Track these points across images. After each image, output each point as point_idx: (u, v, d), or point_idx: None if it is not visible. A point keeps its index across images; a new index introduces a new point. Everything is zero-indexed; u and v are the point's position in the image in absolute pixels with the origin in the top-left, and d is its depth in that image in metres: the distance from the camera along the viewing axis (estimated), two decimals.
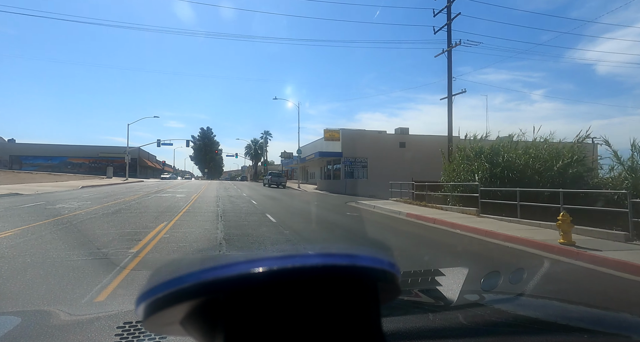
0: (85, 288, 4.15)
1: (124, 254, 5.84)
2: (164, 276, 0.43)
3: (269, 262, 0.41)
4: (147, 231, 7.98)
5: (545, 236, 8.26)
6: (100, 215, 10.68)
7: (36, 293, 4.02)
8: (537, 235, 8.47)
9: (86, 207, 12.64)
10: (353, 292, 0.43)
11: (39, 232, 7.53)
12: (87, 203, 14.00)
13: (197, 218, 10.65)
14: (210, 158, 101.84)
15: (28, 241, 6.62)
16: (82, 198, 16.30)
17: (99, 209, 12.27)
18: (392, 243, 7.89)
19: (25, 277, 4.53)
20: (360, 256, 0.43)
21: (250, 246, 7.03)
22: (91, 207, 12.52)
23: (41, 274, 4.67)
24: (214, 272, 0.40)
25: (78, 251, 5.98)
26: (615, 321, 1.37)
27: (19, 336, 1.14)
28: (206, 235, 7.92)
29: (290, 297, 0.40)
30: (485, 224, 10.24)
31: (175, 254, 6.17)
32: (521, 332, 1.19)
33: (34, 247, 6.18)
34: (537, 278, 3.65)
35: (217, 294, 0.41)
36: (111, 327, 1.12)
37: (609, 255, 6.39)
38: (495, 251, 7.51)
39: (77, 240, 6.94)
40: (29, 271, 4.78)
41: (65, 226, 8.44)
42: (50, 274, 4.68)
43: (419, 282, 1.77)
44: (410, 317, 1.20)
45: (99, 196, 17.70)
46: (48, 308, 1.57)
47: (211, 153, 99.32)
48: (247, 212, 12.72)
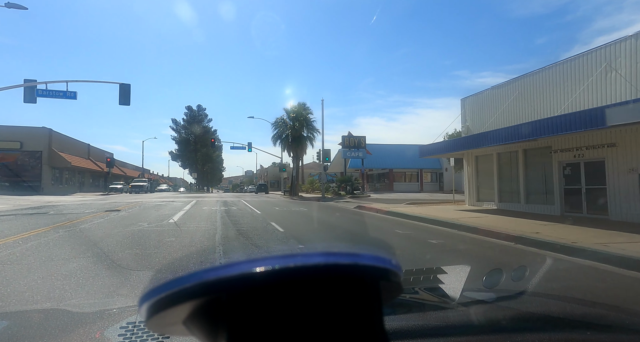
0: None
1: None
2: (166, 276, 0.43)
3: (271, 261, 0.40)
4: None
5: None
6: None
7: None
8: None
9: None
10: (355, 291, 0.42)
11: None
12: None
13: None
14: (204, 156, 65.26)
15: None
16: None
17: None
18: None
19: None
20: (362, 255, 0.43)
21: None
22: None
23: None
24: (216, 272, 0.40)
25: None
26: (618, 317, 1.37)
27: (21, 335, 1.13)
28: None
29: (292, 297, 0.40)
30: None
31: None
32: (524, 329, 1.16)
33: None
34: (539, 275, 3.56)
35: (219, 294, 0.40)
36: (114, 327, 1.12)
37: None
38: None
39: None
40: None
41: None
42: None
43: (421, 281, 1.77)
44: (412, 315, 1.20)
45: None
46: (51, 307, 1.55)
47: (204, 147, 62.33)
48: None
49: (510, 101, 15.25)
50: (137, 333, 1.06)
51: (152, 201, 22.51)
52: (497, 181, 16.08)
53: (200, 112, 68.17)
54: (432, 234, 9.20)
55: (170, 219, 11.90)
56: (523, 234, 8.18)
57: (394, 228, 10.60)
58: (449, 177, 41.48)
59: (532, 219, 11.31)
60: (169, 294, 0.42)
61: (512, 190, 15.35)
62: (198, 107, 68.19)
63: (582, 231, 8.62)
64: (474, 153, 17.17)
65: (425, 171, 42.82)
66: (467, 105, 18.16)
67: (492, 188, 16.29)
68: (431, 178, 43.47)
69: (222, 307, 0.41)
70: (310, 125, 35.47)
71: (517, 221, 10.84)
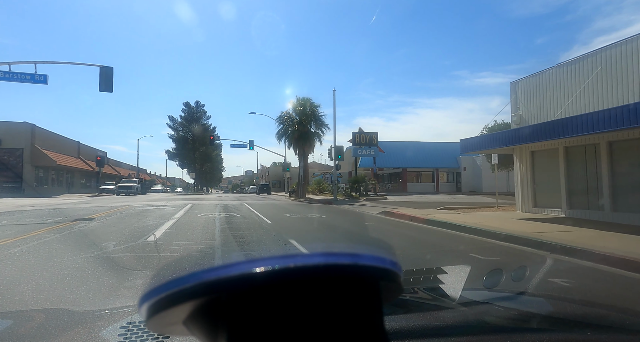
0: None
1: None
2: (166, 276, 0.42)
3: (271, 261, 0.40)
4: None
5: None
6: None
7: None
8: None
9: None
10: (355, 291, 0.42)
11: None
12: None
13: None
14: (203, 155, 64.01)
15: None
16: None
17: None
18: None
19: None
20: (362, 255, 0.43)
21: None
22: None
23: None
24: (216, 272, 0.40)
25: None
26: (618, 317, 1.36)
27: (22, 335, 1.14)
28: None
29: (292, 297, 0.40)
30: None
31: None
32: (524, 329, 1.14)
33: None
34: (539, 275, 3.86)
35: (219, 294, 0.40)
36: (114, 327, 1.12)
37: None
38: None
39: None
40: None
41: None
42: None
43: (421, 281, 1.76)
44: (412, 315, 1.20)
45: None
46: (51, 307, 1.58)
47: (203, 145, 60.61)
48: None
49: (590, 79, 12.04)
50: (137, 333, 1.04)
51: (140, 205, 19.25)
52: (566, 181, 12.86)
53: (199, 109, 64.91)
54: (527, 260, 6.10)
55: (152, 234, 8.59)
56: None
57: (458, 245, 7.65)
58: (468, 177, 38.72)
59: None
60: (169, 294, 0.41)
61: (588, 193, 12.19)
62: (196, 104, 64.86)
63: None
64: (529, 148, 14.06)
65: (442, 171, 39.83)
66: (520, 90, 14.92)
67: (558, 191, 13.08)
68: (447, 178, 40.39)
69: (222, 307, 0.40)
70: (319, 120, 32.45)
71: (632, 238, 7.68)
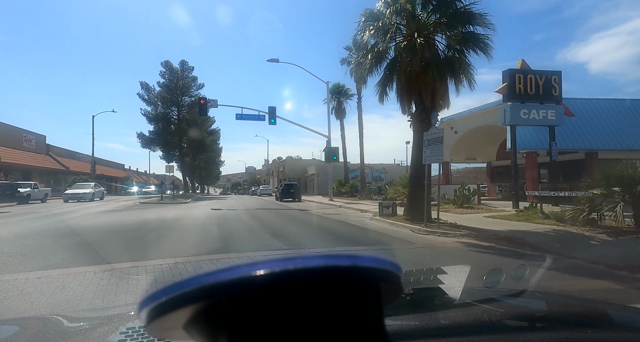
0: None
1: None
2: (166, 280, 0.38)
3: (270, 264, 0.40)
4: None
5: None
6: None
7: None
8: None
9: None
10: (356, 293, 0.42)
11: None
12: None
13: None
14: (193, 142, 41.60)
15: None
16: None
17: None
18: None
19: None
20: (362, 257, 0.43)
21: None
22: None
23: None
24: (216, 276, 0.40)
25: None
26: (618, 315, 1.36)
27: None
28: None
29: (292, 299, 0.40)
30: None
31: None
32: (525, 328, 1.15)
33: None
34: (539, 274, 3.65)
35: (219, 298, 0.40)
36: (114, 332, 1.12)
37: None
38: None
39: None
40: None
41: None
42: None
43: (421, 281, 1.76)
44: (413, 316, 1.19)
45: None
46: (50, 314, 1.54)
47: (192, 125, 39.91)
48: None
49: None
50: (137, 338, 1.03)
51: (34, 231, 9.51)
52: None
53: (186, 73, 40.89)
54: None
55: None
56: None
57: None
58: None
59: None
60: (169, 299, 0.41)
61: None
62: (182, 65, 41.15)
63: None
64: None
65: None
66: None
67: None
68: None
69: (222, 311, 0.40)
70: (474, 35, 10.90)
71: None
